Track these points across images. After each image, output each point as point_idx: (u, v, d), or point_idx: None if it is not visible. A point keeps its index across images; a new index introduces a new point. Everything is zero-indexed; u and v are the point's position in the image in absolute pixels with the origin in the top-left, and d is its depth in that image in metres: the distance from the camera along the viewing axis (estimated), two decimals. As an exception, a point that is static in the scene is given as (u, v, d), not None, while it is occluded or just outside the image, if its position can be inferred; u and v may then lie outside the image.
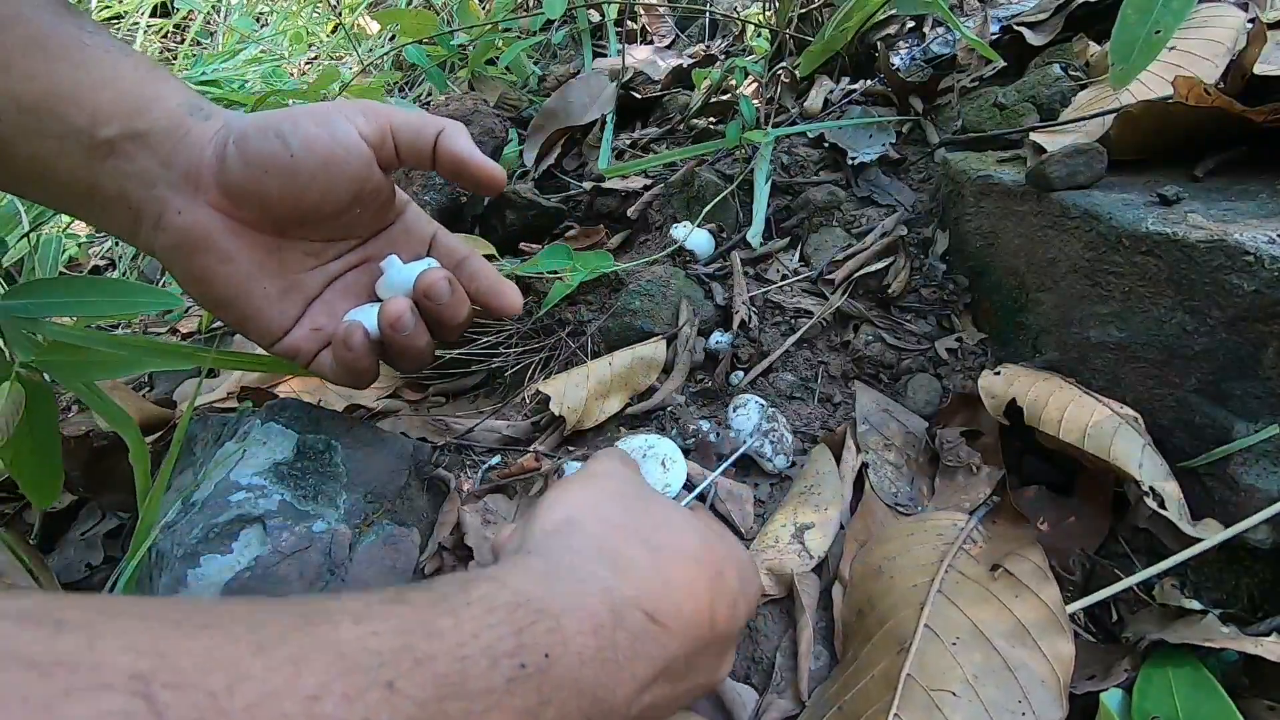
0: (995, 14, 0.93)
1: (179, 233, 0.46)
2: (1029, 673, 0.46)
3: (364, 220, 0.54)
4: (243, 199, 0.47)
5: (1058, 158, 0.60)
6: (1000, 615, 0.49)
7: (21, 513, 0.81)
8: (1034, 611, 0.49)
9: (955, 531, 0.57)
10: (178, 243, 0.47)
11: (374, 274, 0.56)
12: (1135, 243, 0.54)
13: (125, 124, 0.44)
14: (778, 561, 0.57)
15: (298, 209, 0.48)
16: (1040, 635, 0.48)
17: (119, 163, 0.45)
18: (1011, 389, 0.60)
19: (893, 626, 0.50)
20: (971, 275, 0.74)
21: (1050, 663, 0.46)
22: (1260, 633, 0.47)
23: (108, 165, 0.45)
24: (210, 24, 2.05)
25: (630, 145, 1.09)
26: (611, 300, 0.79)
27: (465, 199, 0.92)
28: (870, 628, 0.52)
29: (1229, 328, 0.50)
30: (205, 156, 0.46)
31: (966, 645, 0.48)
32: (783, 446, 0.65)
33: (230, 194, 0.47)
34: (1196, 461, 0.53)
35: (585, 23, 1.37)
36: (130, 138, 0.45)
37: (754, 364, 0.74)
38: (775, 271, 0.82)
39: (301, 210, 0.48)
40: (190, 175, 0.46)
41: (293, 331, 0.52)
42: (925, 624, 0.49)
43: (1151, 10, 0.54)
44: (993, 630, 0.48)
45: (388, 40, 1.64)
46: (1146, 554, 0.54)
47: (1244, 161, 0.60)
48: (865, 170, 0.87)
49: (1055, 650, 0.47)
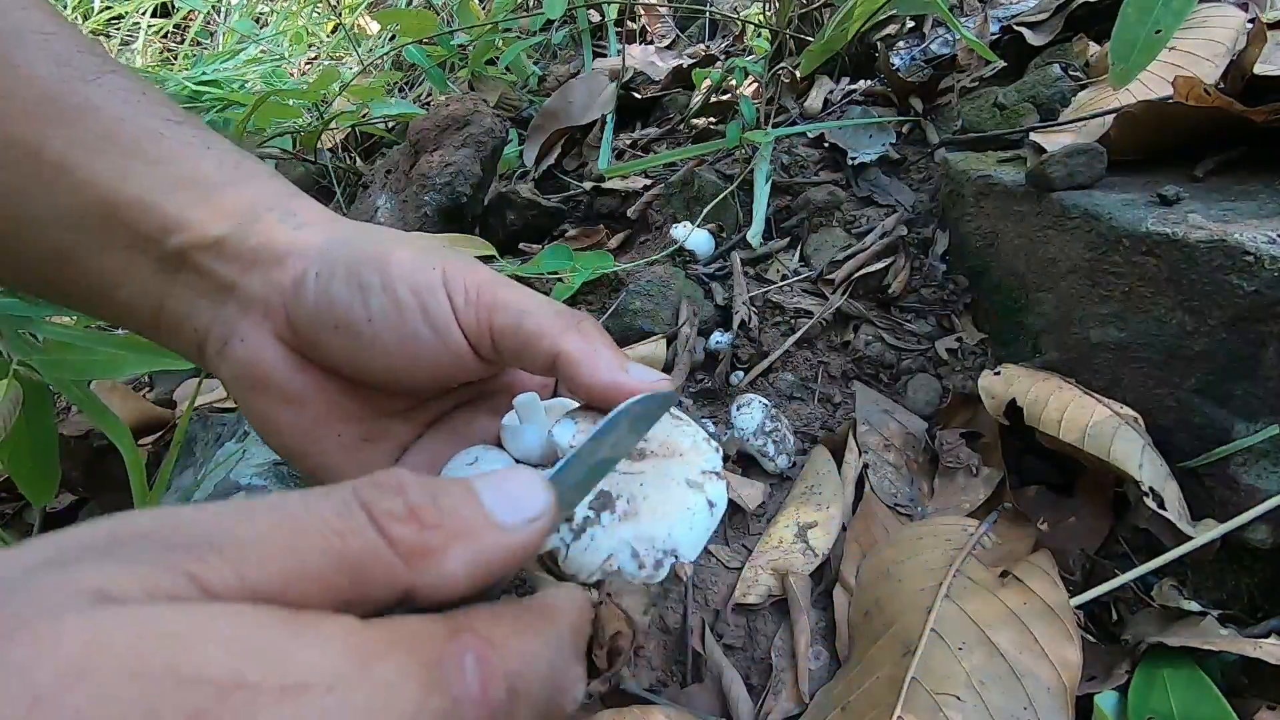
0: (995, 14, 0.93)
1: (239, 365, 0.38)
2: (1035, 679, 0.46)
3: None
4: (309, 345, 0.38)
5: (1058, 158, 0.60)
6: (1008, 621, 0.49)
7: (21, 513, 0.81)
8: (1043, 619, 0.49)
9: (964, 537, 0.57)
10: (238, 375, 0.38)
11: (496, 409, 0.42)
12: (1135, 243, 0.54)
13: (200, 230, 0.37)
14: (783, 561, 0.57)
15: (368, 380, 0.38)
16: (1047, 642, 0.48)
17: (191, 277, 0.38)
18: (1011, 389, 0.60)
19: (899, 629, 0.50)
20: (971, 275, 0.73)
21: (1057, 670, 0.46)
22: (1259, 634, 0.47)
23: (179, 280, 0.38)
24: (210, 24, 2.05)
25: (630, 145, 1.09)
26: (612, 300, 0.79)
27: (466, 198, 0.92)
28: (877, 630, 0.52)
29: (1229, 328, 0.50)
30: (283, 278, 0.37)
31: (973, 650, 0.48)
32: (785, 446, 0.65)
33: (298, 331, 0.37)
34: (1196, 461, 0.53)
35: (585, 23, 1.37)
36: (205, 247, 0.37)
37: (754, 364, 0.74)
38: (775, 271, 0.82)
39: (373, 382, 0.39)
40: (263, 296, 0.37)
41: None
42: (932, 628, 0.49)
43: (1151, 10, 0.54)
44: (999, 636, 0.48)
45: (388, 40, 1.64)
46: (1146, 554, 0.54)
47: (1244, 161, 0.60)
48: (865, 170, 0.87)
49: (1062, 657, 0.47)
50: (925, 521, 0.60)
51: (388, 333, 0.35)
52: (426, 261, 0.36)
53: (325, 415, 0.39)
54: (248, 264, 0.37)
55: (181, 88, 1.31)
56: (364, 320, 0.35)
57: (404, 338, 0.35)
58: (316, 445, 0.39)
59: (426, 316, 0.35)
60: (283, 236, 0.38)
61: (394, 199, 0.95)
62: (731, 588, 0.57)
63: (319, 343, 0.37)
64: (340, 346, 0.36)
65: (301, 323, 0.37)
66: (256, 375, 0.38)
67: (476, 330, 0.36)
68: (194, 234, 0.37)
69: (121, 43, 2.02)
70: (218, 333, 0.38)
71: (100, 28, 2.03)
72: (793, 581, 0.56)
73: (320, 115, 1.22)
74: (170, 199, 0.37)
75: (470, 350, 0.36)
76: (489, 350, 0.36)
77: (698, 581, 0.59)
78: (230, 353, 0.38)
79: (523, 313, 0.35)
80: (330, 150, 1.26)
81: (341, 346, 0.36)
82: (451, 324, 0.35)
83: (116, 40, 2.01)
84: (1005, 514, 0.59)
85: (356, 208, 1.06)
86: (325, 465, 0.39)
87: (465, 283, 0.36)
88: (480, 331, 0.36)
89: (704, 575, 0.59)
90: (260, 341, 0.37)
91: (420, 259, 0.36)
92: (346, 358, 0.37)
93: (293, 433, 0.39)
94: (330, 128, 1.22)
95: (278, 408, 0.38)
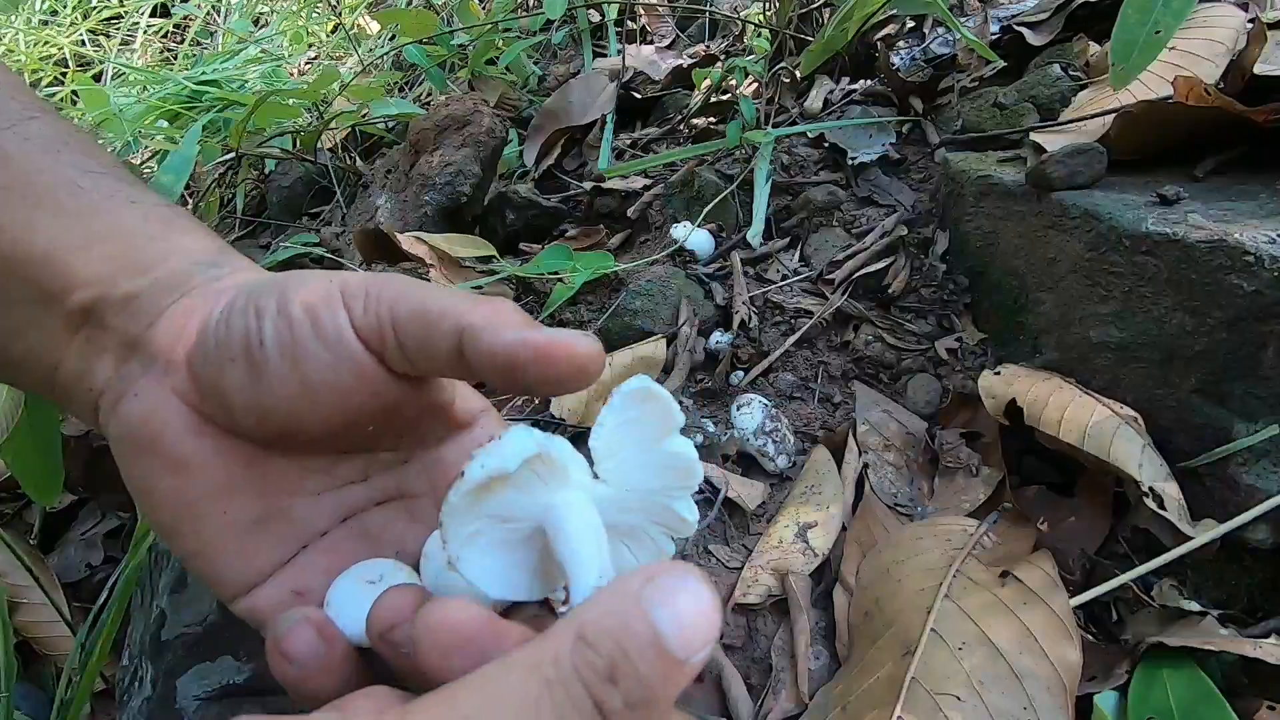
0: (995, 14, 0.93)
1: (129, 423, 0.33)
2: (1035, 680, 0.46)
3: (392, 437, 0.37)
4: (209, 390, 0.33)
5: (1058, 158, 0.60)
6: (1008, 622, 0.49)
7: (21, 513, 0.81)
8: (1043, 619, 0.49)
9: (965, 537, 0.57)
10: (125, 434, 0.33)
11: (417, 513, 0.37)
12: (1135, 243, 0.54)
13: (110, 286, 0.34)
14: (783, 561, 0.57)
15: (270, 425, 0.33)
16: (1048, 643, 0.47)
17: (94, 333, 0.34)
18: (1011, 389, 0.60)
19: (899, 629, 0.50)
20: (971, 275, 0.74)
21: (1057, 671, 0.46)
22: (1259, 634, 0.47)
23: (80, 337, 0.34)
24: (210, 24, 2.05)
25: (630, 145, 1.09)
26: (611, 300, 0.79)
27: (466, 198, 0.92)
28: (877, 629, 0.52)
29: (1229, 328, 0.50)
30: (189, 325, 0.34)
31: (973, 650, 0.48)
32: (785, 446, 0.65)
33: (198, 379, 0.33)
34: (1196, 462, 0.53)
35: (585, 23, 1.37)
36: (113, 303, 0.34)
37: (754, 364, 0.74)
38: (775, 271, 0.82)
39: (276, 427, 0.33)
40: (167, 349, 0.33)
41: (261, 589, 0.34)
42: (932, 628, 0.49)
43: (1151, 10, 0.54)
44: (999, 636, 0.48)
45: (388, 40, 1.64)
46: (1146, 554, 0.54)
47: (1244, 161, 0.60)
48: (865, 170, 0.87)
49: (1063, 658, 0.47)
50: (925, 522, 0.60)
51: (281, 357, 0.32)
52: (327, 280, 0.33)
53: (215, 487, 0.34)
54: (155, 318, 0.34)
55: (181, 88, 1.31)
56: (258, 346, 0.32)
57: (297, 359, 0.32)
58: (198, 523, 0.34)
59: (318, 330, 0.32)
60: (203, 284, 0.35)
61: (394, 199, 0.96)
62: (731, 588, 0.58)
63: (220, 383, 0.32)
64: (238, 384, 0.32)
65: (201, 365, 0.33)
66: (146, 434, 0.33)
67: (378, 331, 0.32)
68: (102, 290, 0.34)
69: (121, 43, 2.02)
70: (114, 390, 0.34)
71: (99, 28, 2.03)
72: (793, 581, 0.56)
73: (320, 115, 1.22)
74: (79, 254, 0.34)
75: (373, 360, 0.32)
76: (394, 354, 0.32)
77: (698, 581, 0.59)
78: (122, 409, 0.34)
79: (425, 299, 0.32)
80: (330, 150, 1.26)
81: (238, 384, 0.32)
82: (345, 333, 0.32)
83: (116, 40, 2.01)
84: (1006, 514, 0.59)
85: (356, 208, 1.06)
86: (201, 550, 0.34)
87: (367, 291, 0.33)
88: (382, 332, 0.32)
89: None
90: (156, 398, 0.33)
91: (322, 280, 0.33)
92: (246, 397, 0.32)
93: (173, 505, 0.33)
94: (330, 128, 1.22)
95: (162, 474, 0.33)
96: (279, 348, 0.32)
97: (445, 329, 0.31)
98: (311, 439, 0.34)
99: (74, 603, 0.71)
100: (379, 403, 0.33)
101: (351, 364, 0.32)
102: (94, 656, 0.57)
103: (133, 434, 0.33)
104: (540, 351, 0.29)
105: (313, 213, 1.22)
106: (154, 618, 0.51)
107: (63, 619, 0.69)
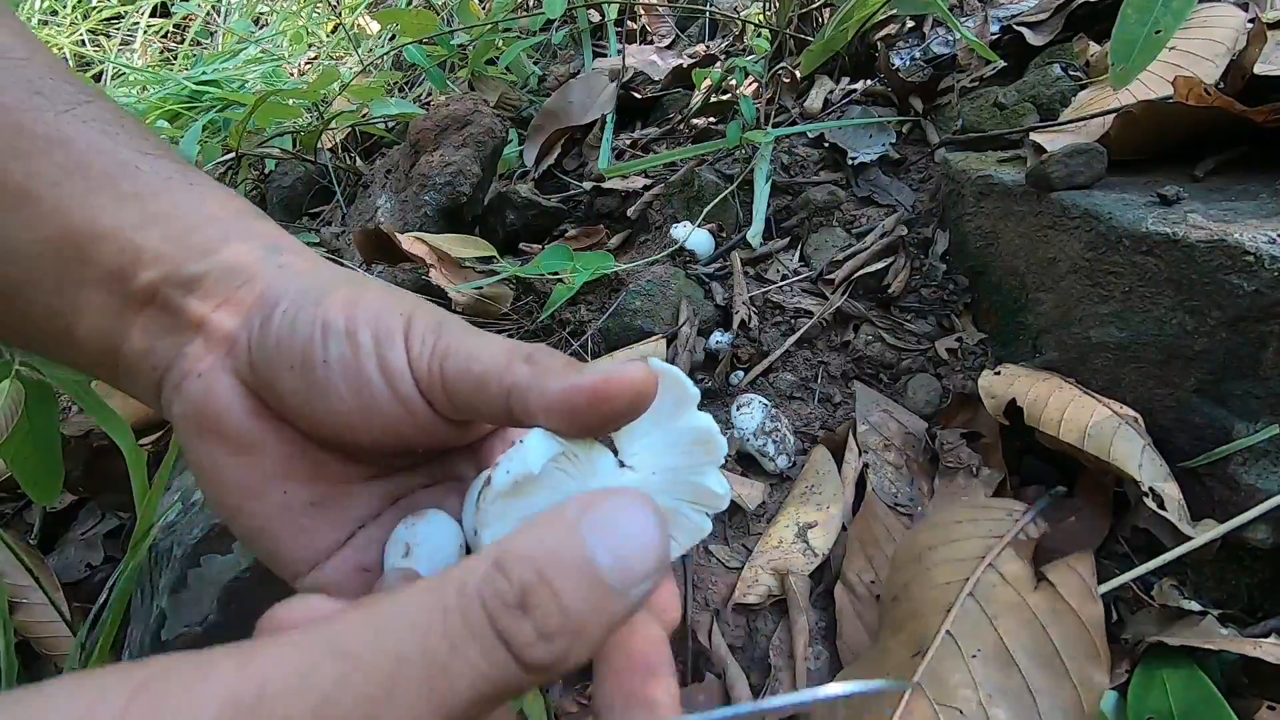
0: (995, 14, 0.93)
1: (192, 403, 0.34)
2: (1050, 698, 0.43)
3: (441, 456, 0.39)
4: (266, 385, 0.34)
5: (1058, 158, 0.60)
6: (1032, 632, 0.46)
7: (21, 512, 0.81)
8: (1072, 633, 0.46)
9: (1009, 523, 0.53)
10: (188, 414, 0.34)
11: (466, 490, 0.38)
12: (1135, 243, 0.54)
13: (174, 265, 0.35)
14: (783, 561, 0.57)
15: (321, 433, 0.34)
16: (1072, 661, 0.44)
17: (157, 313, 0.35)
18: (1011, 389, 0.60)
19: (916, 626, 0.49)
20: (971, 275, 0.74)
21: (1079, 693, 0.43)
22: (1259, 634, 0.47)
23: (144, 316, 0.35)
24: (210, 24, 2.05)
25: (630, 145, 1.09)
26: (612, 300, 0.79)
27: (466, 198, 0.92)
28: (899, 618, 0.50)
29: (1229, 328, 0.50)
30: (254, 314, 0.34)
31: (986, 660, 0.45)
32: (785, 446, 0.65)
33: (256, 370, 0.34)
34: (1196, 461, 0.53)
35: (585, 23, 1.37)
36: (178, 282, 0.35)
37: (754, 364, 0.74)
38: (775, 271, 0.82)
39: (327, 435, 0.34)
40: (230, 332, 0.34)
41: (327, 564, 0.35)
42: (948, 630, 0.47)
43: (1151, 10, 0.54)
44: (1019, 648, 0.45)
45: (388, 40, 1.64)
46: (1146, 554, 0.54)
47: (1244, 161, 0.60)
48: (865, 170, 0.87)
49: (1087, 680, 0.44)
50: (968, 505, 0.56)
51: (342, 378, 0.32)
52: (395, 307, 0.33)
53: (274, 469, 0.35)
54: (221, 300, 0.35)
55: (181, 88, 1.31)
56: (320, 361, 0.32)
57: (359, 385, 0.32)
58: (257, 502, 0.35)
59: (382, 363, 0.32)
60: (263, 274, 0.35)
61: (394, 199, 0.96)
62: (731, 587, 0.58)
63: (276, 384, 0.33)
64: (295, 390, 0.33)
65: (261, 360, 0.34)
66: (209, 414, 0.34)
67: (429, 380, 0.32)
68: (166, 270, 0.35)
69: (121, 43, 2.02)
70: (178, 370, 0.35)
71: (99, 28, 2.03)
72: (792, 581, 0.56)
73: (320, 115, 1.22)
74: (143, 233, 0.35)
75: (425, 405, 0.33)
76: (444, 404, 0.32)
77: (698, 581, 0.59)
78: (185, 389, 0.34)
79: (470, 357, 0.32)
80: (330, 150, 1.26)
81: (296, 390, 0.33)
82: (405, 373, 0.32)
83: (116, 40, 2.02)
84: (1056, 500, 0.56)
85: (356, 208, 1.06)
86: (263, 528, 0.35)
87: (425, 330, 0.33)
88: (433, 382, 0.32)
89: (704, 575, 0.59)
90: (218, 379, 0.34)
91: (389, 303, 0.34)
92: (300, 403, 0.33)
93: (235, 485, 0.35)
94: (330, 128, 1.22)
95: (224, 454, 0.34)
96: (342, 371, 0.32)
97: (493, 392, 0.31)
98: (361, 449, 0.35)
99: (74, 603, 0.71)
100: (431, 440, 0.34)
101: (407, 404, 0.32)
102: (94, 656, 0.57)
103: (196, 413, 0.34)
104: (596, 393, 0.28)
105: (313, 212, 1.22)
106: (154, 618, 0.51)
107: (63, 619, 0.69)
